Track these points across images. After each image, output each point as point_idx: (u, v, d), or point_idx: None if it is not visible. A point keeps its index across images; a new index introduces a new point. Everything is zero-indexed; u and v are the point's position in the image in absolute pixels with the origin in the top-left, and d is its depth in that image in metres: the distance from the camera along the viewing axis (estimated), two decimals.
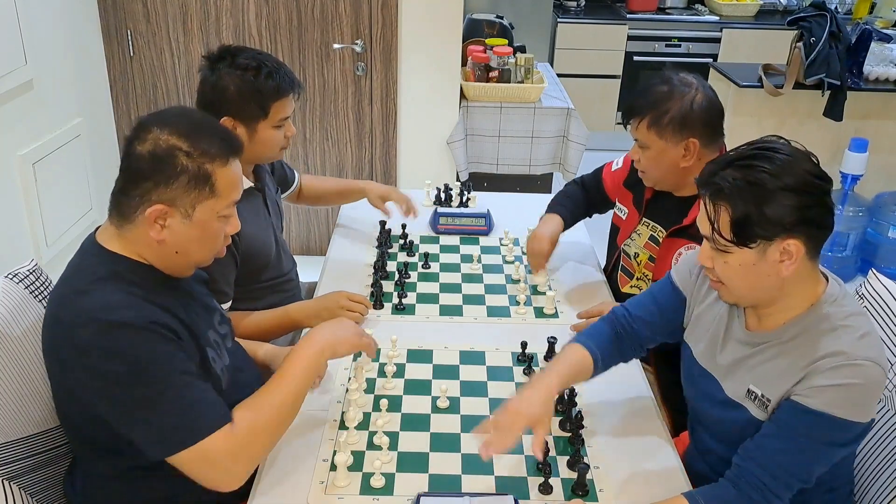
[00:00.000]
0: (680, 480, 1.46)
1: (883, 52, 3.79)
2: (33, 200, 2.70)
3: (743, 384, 1.41)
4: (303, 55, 3.37)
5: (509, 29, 3.82)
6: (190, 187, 1.31)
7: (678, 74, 1.85)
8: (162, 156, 1.30)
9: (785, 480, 1.30)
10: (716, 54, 5.18)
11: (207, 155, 1.32)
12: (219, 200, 1.35)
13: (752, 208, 1.25)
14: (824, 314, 1.32)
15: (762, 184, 1.25)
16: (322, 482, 1.41)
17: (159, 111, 1.42)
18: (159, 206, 1.30)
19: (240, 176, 1.39)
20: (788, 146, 1.31)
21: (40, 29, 2.73)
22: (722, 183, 1.28)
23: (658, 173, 1.89)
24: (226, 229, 1.40)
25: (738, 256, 1.30)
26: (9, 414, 1.40)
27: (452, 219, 2.38)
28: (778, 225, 1.25)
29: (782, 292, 1.34)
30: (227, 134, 1.40)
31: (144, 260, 1.36)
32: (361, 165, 3.58)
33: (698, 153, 1.81)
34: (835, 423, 1.26)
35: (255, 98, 1.79)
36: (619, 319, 1.62)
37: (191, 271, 1.44)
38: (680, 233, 1.89)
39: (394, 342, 1.76)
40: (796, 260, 1.27)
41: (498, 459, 1.46)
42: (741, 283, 1.34)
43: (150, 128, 1.32)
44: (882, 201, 3.78)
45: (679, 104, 1.79)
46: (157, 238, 1.33)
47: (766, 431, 1.34)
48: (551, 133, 3.50)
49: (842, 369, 1.26)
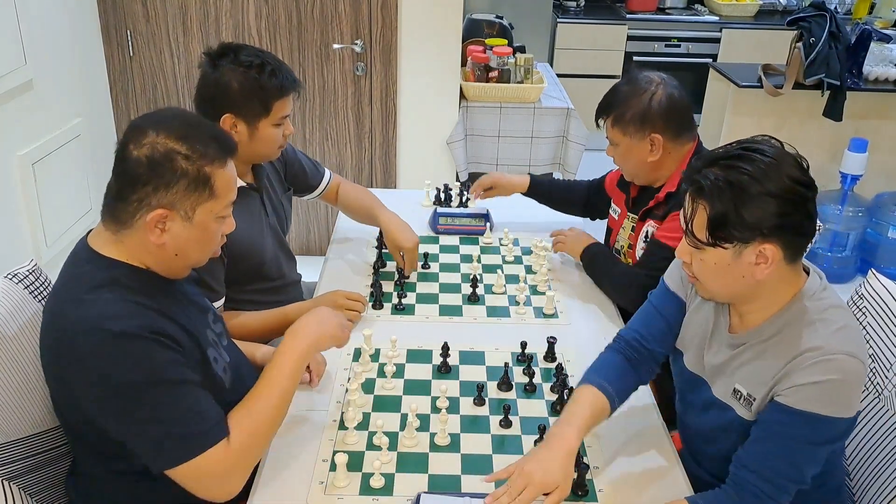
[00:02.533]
0: (680, 481, 1.46)
1: (882, 52, 3.79)
2: (33, 200, 2.70)
3: (729, 384, 1.41)
4: (302, 55, 3.37)
5: (509, 29, 3.82)
6: (190, 190, 1.31)
7: (644, 73, 1.94)
8: (160, 160, 1.29)
9: (780, 484, 1.29)
10: (715, 54, 5.17)
11: (206, 157, 1.31)
12: (217, 202, 1.34)
13: (729, 209, 1.25)
14: (802, 308, 1.32)
15: (742, 186, 1.24)
16: (322, 482, 1.41)
17: (152, 113, 1.40)
18: (160, 210, 1.30)
19: (235, 176, 1.39)
20: (775, 148, 1.30)
21: (40, 29, 2.73)
22: (703, 181, 1.28)
23: (630, 168, 1.99)
24: (222, 229, 1.40)
25: (712, 255, 1.30)
26: (8, 414, 1.40)
27: (452, 219, 2.38)
28: (755, 229, 1.25)
29: (759, 291, 1.34)
30: (222, 135, 1.40)
31: (142, 264, 1.35)
32: (361, 165, 3.58)
33: (664, 147, 1.89)
34: (818, 420, 1.26)
35: (259, 95, 1.79)
36: (631, 343, 1.57)
37: (187, 272, 1.44)
38: (646, 215, 1.99)
39: (393, 342, 1.76)
40: (772, 264, 1.27)
41: (498, 460, 1.46)
42: (715, 281, 1.35)
43: (145, 131, 1.30)
44: (882, 201, 3.78)
45: (639, 102, 1.88)
46: (157, 242, 1.32)
47: (754, 437, 1.34)
48: (551, 133, 3.50)
49: (819, 365, 1.26)
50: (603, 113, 1.95)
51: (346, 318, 1.55)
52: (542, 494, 1.32)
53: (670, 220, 1.88)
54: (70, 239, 2.90)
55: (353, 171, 3.59)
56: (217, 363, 1.44)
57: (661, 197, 1.93)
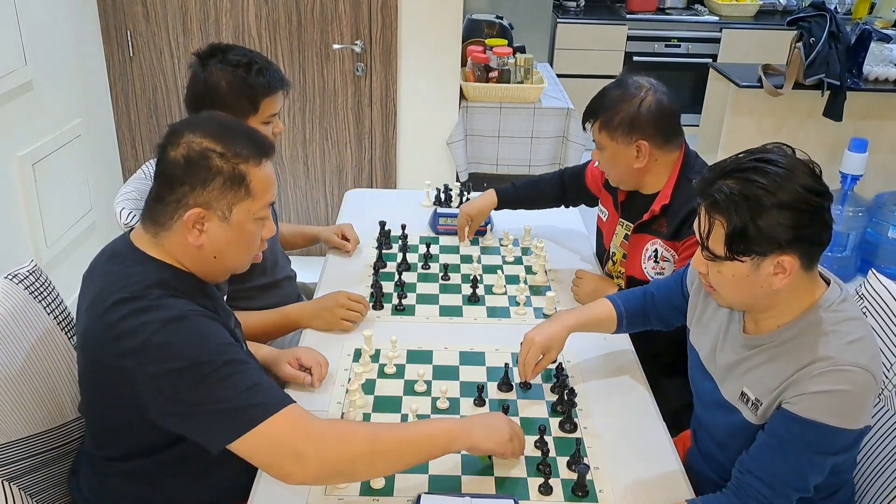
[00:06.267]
0: (680, 481, 1.46)
1: (882, 52, 3.79)
2: (33, 201, 2.70)
3: (738, 387, 1.41)
4: (302, 55, 3.37)
5: (509, 29, 3.82)
6: (226, 189, 1.30)
7: (633, 78, 1.91)
8: (196, 158, 1.29)
9: (782, 491, 1.29)
10: (715, 54, 5.18)
11: (241, 156, 1.31)
12: (254, 201, 1.34)
13: (747, 224, 1.24)
14: (818, 319, 1.32)
15: (757, 199, 1.23)
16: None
17: (189, 118, 1.42)
18: (196, 209, 1.29)
19: (273, 177, 1.39)
20: (787, 157, 1.28)
21: (40, 29, 2.74)
22: (718, 195, 1.27)
23: (616, 173, 1.97)
24: (262, 233, 1.39)
25: (730, 268, 1.30)
26: (8, 414, 1.40)
27: (452, 219, 2.38)
28: (773, 242, 1.24)
29: (776, 300, 1.33)
30: (258, 135, 1.39)
31: (184, 267, 1.35)
32: (361, 166, 3.58)
33: (650, 154, 1.87)
34: (823, 430, 1.25)
35: (246, 94, 1.81)
36: (650, 289, 1.74)
37: (226, 276, 1.44)
38: (643, 228, 1.96)
39: (393, 343, 1.76)
40: (790, 274, 1.27)
41: (498, 460, 1.47)
42: (733, 292, 1.34)
43: (181, 133, 1.32)
44: (882, 201, 3.78)
45: (628, 107, 1.85)
46: (195, 243, 1.32)
47: (760, 442, 1.34)
48: (551, 133, 3.50)
49: (828, 375, 1.25)
50: (591, 116, 1.92)
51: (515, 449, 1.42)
52: (537, 354, 1.63)
53: (685, 250, 1.84)
54: (70, 239, 2.90)
55: (353, 172, 3.59)
56: None
57: (657, 210, 1.90)
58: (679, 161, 1.92)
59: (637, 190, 1.99)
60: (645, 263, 1.95)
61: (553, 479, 1.42)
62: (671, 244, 1.90)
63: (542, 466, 1.43)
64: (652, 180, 1.93)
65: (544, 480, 1.41)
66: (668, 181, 1.91)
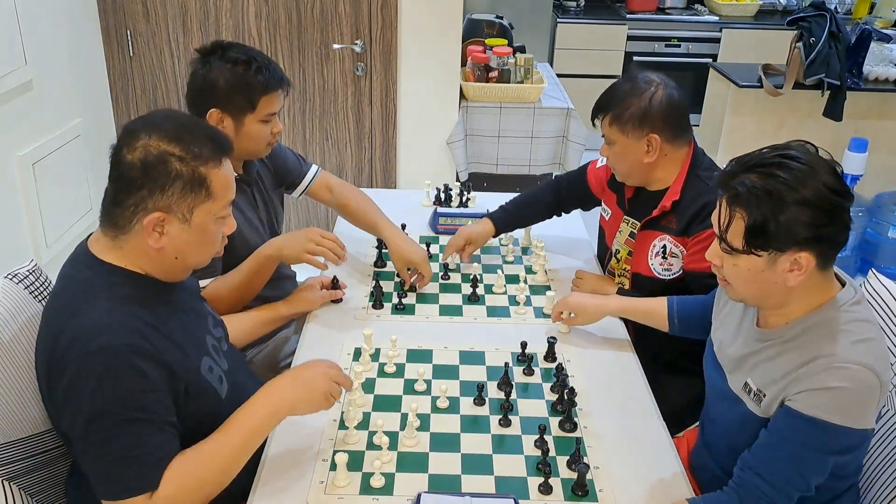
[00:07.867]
0: (680, 481, 1.47)
1: (882, 52, 3.79)
2: (33, 201, 2.70)
3: (743, 378, 1.42)
4: (302, 55, 3.37)
5: (509, 29, 3.82)
6: (186, 192, 1.30)
7: (643, 73, 1.91)
8: (154, 163, 1.28)
9: (783, 489, 1.29)
10: (715, 54, 5.18)
11: (200, 158, 1.30)
12: (215, 202, 1.34)
13: (768, 218, 1.24)
14: (829, 317, 1.32)
15: (780, 195, 1.23)
16: (322, 482, 1.41)
17: (145, 115, 1.39)
18: (156, 213, 1.29)
19: (232, 175, 1.39)
20: (810, 155, 1.29)
21: (40, 29, 2.73)
22: (740, 188, 1.27)
23: (624, 168, 1.96)
24: (222, 230, 1.40)
25: (746, 261, 1.30)
26: (8, 414, 1.40)
27: (452, 219, 2.38)
28: (791, 238, 1.24)
29: (788, 297, 1.34)
30: (217, 134, 1.39)
31: (141, 270, 1.35)
32: (361, 166, 3.58)
33: (661, 149, 1.87)
34: (825, 428, 1.25)
35: (244, 91, 1.81)
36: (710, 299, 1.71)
37: (188, 275, 1.44)
38: (651, 224, 1.95)
39: (393, 342, 1.76)
40: (805, 272, 1.27)
41: (498, 460, 1.46)
42: (747, 287, 1.35)
43: (137, 134, 1.30)
44: (882, 201, 3.78)
45: (639, 101, 1.85)
46: (155, 246, 1.31)
47: (762, 440, 1.34)
48: (551, 133, 3.49)
49: (830, 371, 1.25)
50: (601, 111, 1.92)
51: (337, 388, 1.44)
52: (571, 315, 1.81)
53: (695, 245, 1.84)
54: (70, 239, 2.90)
55: (353, 172, 3.59)
56: (212, 372, 1.43)
57: (668, 206, 1.90)
58: (688, 157, 1.92)
59: (644, 186, 1.99)
60: (652, 260, 1.95)
61: (553, 479, 1.43)
62: (680, 240, 1.89)
63: (542, 466, 1.43)
64: (661, 176, 1.93)
65: (544, 480, 1.41)
66: (677, 177, 1.91)
